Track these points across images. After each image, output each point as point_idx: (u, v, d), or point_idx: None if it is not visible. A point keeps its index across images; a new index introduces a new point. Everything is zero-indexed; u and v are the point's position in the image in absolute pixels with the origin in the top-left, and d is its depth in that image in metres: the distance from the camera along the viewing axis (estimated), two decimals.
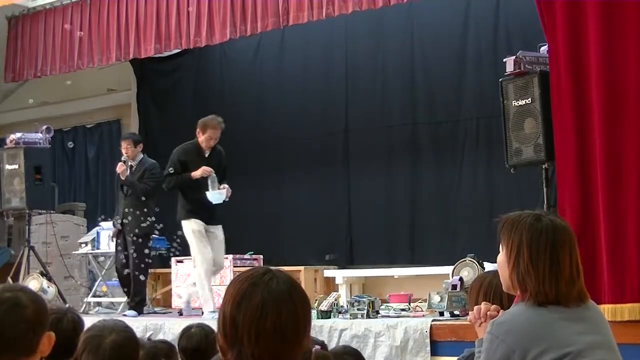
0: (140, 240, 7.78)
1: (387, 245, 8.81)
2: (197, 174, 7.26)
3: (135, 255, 7.73)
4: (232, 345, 1.90)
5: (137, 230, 7.79)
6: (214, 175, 7.25)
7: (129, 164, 7.94)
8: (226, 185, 7.33)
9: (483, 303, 2.62)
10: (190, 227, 7.30)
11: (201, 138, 7.37)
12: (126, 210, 7.87)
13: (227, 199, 7.33)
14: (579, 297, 2.41)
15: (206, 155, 7.44)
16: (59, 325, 2.90)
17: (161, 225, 8.13)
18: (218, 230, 7.44)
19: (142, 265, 7.78)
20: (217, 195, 7.23)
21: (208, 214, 7.34)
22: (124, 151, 8.01)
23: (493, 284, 2.61)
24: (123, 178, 7.88)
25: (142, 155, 8.06)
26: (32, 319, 2.01)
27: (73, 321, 3.01)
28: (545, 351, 2.31)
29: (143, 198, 7.83)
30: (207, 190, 7.19)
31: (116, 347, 2.72)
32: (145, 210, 7.82)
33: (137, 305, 7.80)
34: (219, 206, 7.33)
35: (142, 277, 7.80)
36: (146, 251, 7.86)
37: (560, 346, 2.32)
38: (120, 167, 7.89)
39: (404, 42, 8.86)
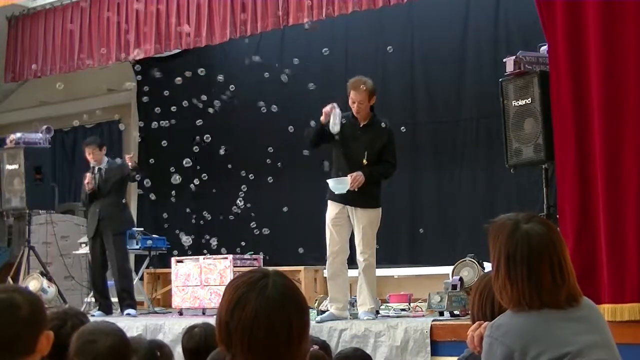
0: (120, 237, 7.94)
1: (387, 245, 8.78)
2: (321, 118, 5.99)
3: (116, 252, 7.82)
4: (227, 349, 1.91)
5: (120, 228, 7.94)
6: (338, 110, 5.99)
7: (97, 168, 7.92)
8: (354, 174, 6.04)
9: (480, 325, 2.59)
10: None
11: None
12: (103, 212, 7.87)
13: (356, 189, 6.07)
14: (567, 301, 2.41)
15: (360, 125, 6.28)
16: (59, 332, 2.84)
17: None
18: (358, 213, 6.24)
19: (127, 261, 8.11)
20: (334, 184, 6.08)
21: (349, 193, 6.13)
22: (90, 157, 7.96)
23: (489, 286, 2.60)
24: (89, 189, 7.85)
25: (107, 158, 8.06)
26: (28, 319, 2.02)
27: (73, 327, 2.92)
28: (545, 351, 2.31)
29: (123, 200, 8.03)
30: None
31: (108, 351, 2.69)
32: (124, 207, 8.14)
33: (133, 302, 7.93)
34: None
35: (131, 273, 8.14)
36: (126, 247, 8.12)
37: (559, 346, 2.33)
38: (88, 179, 7.86)
39: (404, 42, 8.86)
